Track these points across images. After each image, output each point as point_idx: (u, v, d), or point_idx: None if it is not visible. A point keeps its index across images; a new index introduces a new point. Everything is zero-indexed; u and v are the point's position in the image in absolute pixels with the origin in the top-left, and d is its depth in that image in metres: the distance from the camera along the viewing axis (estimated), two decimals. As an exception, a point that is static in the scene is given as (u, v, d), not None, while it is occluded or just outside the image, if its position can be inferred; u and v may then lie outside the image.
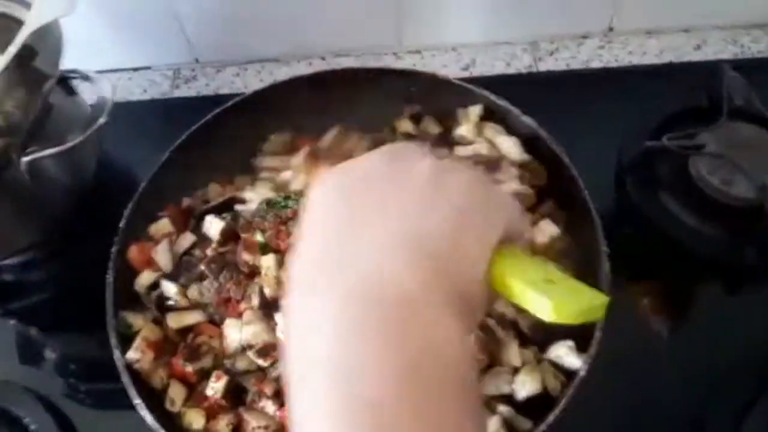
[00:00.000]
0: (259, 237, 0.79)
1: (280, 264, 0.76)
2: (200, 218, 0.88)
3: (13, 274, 1.02)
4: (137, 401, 0.72)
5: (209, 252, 0.82)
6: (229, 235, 0.83)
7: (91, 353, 0.92)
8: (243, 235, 0.81)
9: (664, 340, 0.91)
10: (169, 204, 0.91)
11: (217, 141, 0.93)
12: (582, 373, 0.71)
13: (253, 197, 0.86)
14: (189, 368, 0.76)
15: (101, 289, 0.83)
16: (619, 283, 0.79)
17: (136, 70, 1.26)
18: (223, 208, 0.89)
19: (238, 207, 0.87)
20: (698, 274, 0.96)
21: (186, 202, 0.92)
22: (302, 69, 1.23)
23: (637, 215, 0.97)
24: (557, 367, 0.77)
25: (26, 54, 0.80)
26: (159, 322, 0.82)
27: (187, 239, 0.86)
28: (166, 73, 1.26)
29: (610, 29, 1.21)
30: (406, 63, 1.21)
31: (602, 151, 1.02)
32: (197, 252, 0.84)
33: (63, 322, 1.01)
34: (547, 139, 0.89)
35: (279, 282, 0.75)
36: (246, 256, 0.79)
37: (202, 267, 0.80)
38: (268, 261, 0.78)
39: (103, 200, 1.03)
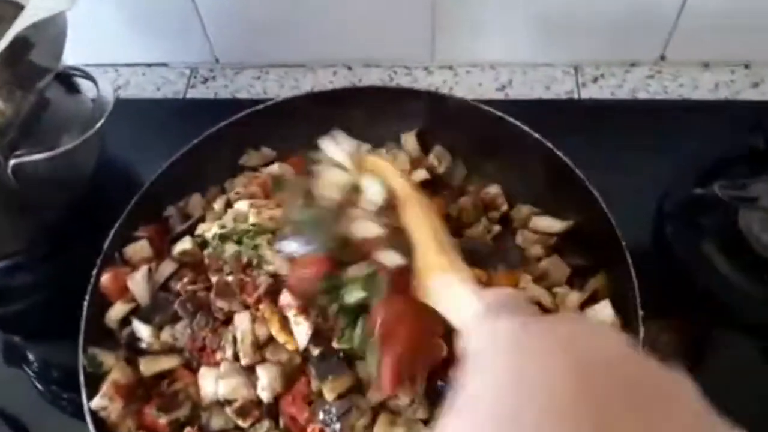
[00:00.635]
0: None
1: (254, 320, 0.69)
2: (176, 240, 0.81)
3: (-3, 279, 0.95)
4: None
5: (180, 287, 0.74)
6: (197, 262, 0.76)
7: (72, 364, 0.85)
8: (213, 278, 0.73)
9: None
10: (149, 223, 0.84)
11: (220, 154, 0.86)
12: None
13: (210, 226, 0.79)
14: (162, 419, 0.68)
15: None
16: (652, 341, 0.72)
17: (150, 65, 1.20)
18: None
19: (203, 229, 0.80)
20: (742, 339, 0.87)
21: (169, 212, 0.85)
22: (327, 77, 1.16)
23: (677, 270, 0.87)
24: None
25: (21, 47, 0.74)
26: (132, 361, 0.74)
27: (168, 267, 0.78)
28: (183, 72, 1.19)
29: (662, 58, 1.11)
30: (437, 79, 1.13)
31: (643, 193, 0.93)
32: (174, 285, 0.76)
33: (46, 330, 0.94)
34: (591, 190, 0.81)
35: (256, 347, 0.67)
36: (220, 303, 0.71)
37: (176, 307, 0.73)
38: (242, 322, 0.69)
39: (101, 203, 0.96)
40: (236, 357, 0.69)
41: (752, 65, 1.10)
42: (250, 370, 0.69)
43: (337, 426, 0.61)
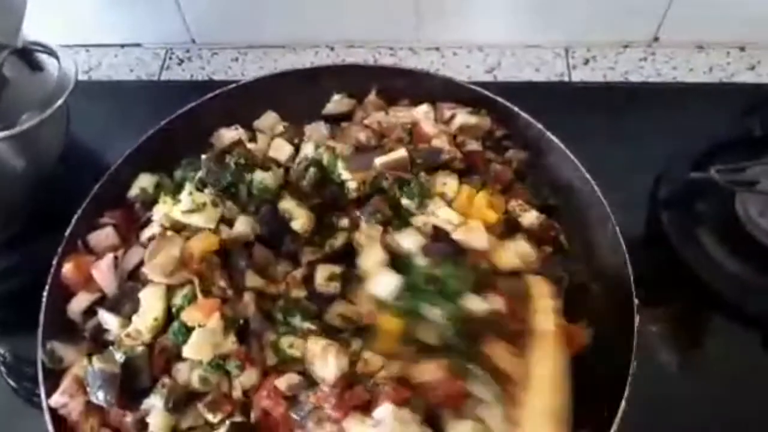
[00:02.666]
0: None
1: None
2: (143, 227, 0.76)
3: (-39, 268, 0.90)
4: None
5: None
6: None
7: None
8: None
9: (695, 402, 0.78)
10: (115, 209, 0.79)
11: (190, 136, 0.81)
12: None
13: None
14: (128, 418, 0.64)
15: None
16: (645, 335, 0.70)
17: (123, 46, 1.15)
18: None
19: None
20: (739, 330, 0.83)
21: (134, 197, 0.80)
22: (308, 58, 1.11)
23: (671, 258, 0.84)
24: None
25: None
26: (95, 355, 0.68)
27: (136, 254, 0.72)
28: (158, 53, 1.14)
29: (655, 39, 1.07)
30: (423, 60, 1.09)
31: (636, 178, 0.90)
32: (143, 273, 0.71)
33: (12, 321, 0.90)
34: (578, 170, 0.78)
35: None
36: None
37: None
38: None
39: (70, 189, 0.90)
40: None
41: (748, 47, 1.07)
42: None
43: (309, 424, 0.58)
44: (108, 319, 0.69)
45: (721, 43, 1.07)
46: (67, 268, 0.73)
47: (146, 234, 0.74)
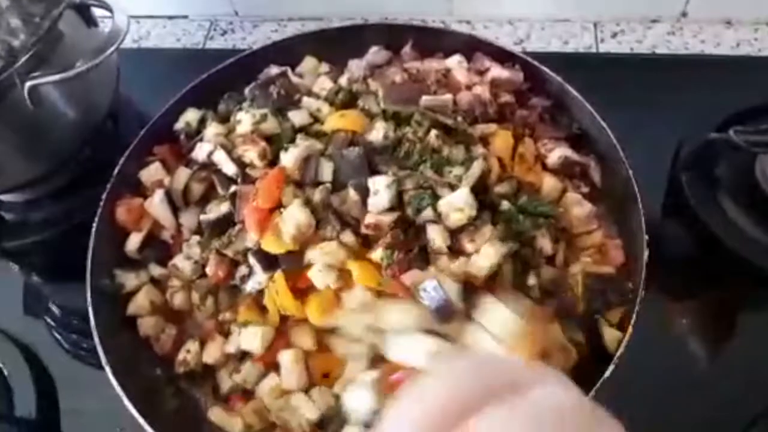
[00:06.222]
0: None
1: None
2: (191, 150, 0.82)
3: (15, 213, 0.97)
4: (105, 364, 0.69)
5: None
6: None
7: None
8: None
9: (706, 365, 0.80)
10: (162, 144, 0.85)
11: (232, 86, 0.87)
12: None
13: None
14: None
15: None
16: (660, 298, 0.73)
17: (171, 18, 1.22)
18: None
19: None
20: (755, 291, 0.85)
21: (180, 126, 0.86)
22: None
23: (691, 219, 0.85)
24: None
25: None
26: (158, 282, 0.79)
27: (183, 174, 0.79)
28: (202, 24, 1.20)
29: (684, 14, 1.09)
30: (454, 33, 1.13)
31: (660, 146, 0.92)
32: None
33: (63, 267, 0.95)
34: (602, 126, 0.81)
35: None
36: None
37: None
38: None
39: (119, 142, 0.97)
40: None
41: (776, 23, 1.08)
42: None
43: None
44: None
45: (750, 19, 1.09)
46: (120, 212, 0.80)
47: (203, 152, 0.79)
